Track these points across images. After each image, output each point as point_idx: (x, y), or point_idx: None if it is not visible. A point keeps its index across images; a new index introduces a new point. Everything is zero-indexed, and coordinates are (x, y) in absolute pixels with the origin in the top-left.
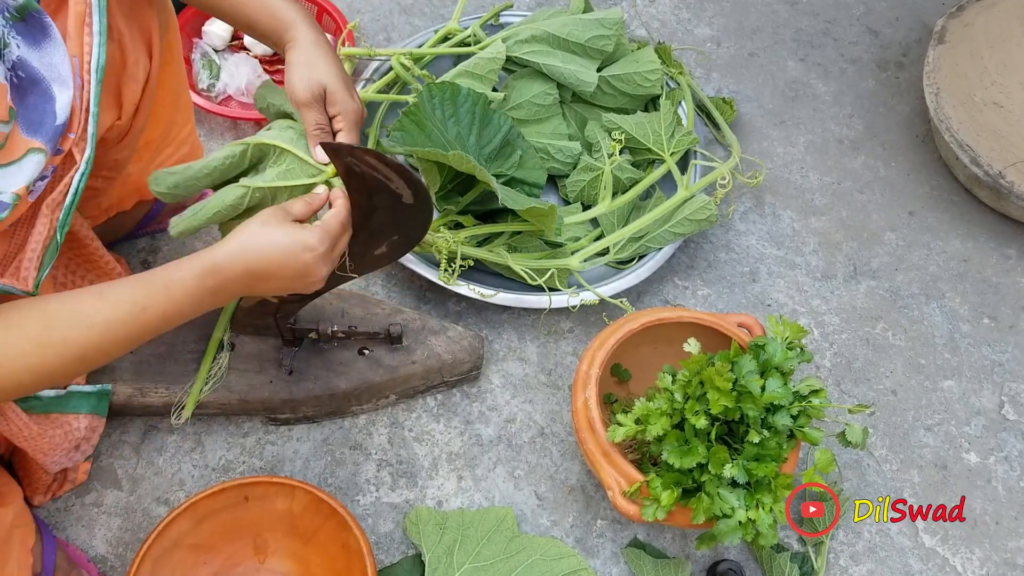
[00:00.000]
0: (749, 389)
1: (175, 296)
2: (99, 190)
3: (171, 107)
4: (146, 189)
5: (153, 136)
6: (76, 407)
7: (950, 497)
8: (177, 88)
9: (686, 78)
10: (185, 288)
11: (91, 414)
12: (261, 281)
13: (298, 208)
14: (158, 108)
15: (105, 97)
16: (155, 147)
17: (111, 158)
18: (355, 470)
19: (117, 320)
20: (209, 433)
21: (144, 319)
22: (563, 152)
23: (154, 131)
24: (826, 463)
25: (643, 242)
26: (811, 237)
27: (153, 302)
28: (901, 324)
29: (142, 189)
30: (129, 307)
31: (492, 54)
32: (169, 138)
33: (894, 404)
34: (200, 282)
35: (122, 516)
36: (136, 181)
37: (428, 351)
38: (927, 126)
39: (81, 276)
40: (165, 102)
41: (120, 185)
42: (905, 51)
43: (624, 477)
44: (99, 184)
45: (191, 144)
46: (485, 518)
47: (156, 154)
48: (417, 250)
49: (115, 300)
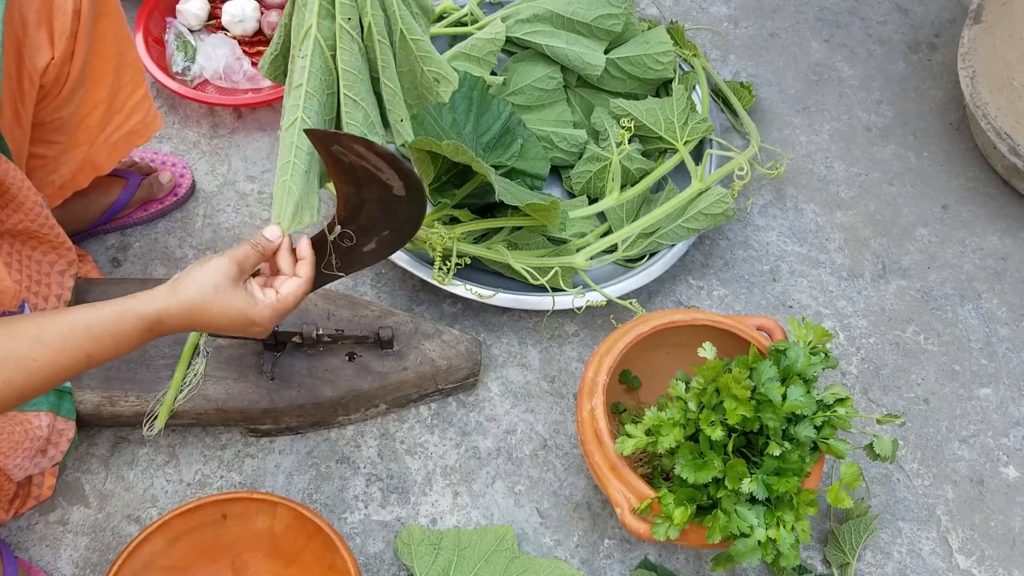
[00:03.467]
0: (769, 398)
1: (120, 344)
2: (48, 159)
3: (113, 64)
4: (99, 163)
5: (100, 97)
6: (35, 404)
7: (987, 515)
8: (119, 41)
9: (701, 61)
10: (130, 338)
11: (50, 412)
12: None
13: (250, 259)
14: (99, 62)
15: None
16: (103, 112)
17: (55, 116)
18: (342, 485)
19: (60, 365)
20: (184, 445)
21: (87, 363)
22: (567, 141)
23: (99, 91)
24: (853, 478)
25: (654, 238)
26: (836, 233)
27: (98, 349)
28: (934, 327)
29: (95, 163)
30: (75, 353)
31: (491, 35)
32: (117, 103)
33: (926, 414)
34: (146, 334)
35: (89, 535)
36: (87, 154)
37: (421, 356)
38: (962, 112)
39: (28, 254)
40: (106, 56)
41: (70, 157)
42: (938, 31)
43: (634, 493)
44: (46, 151)
45: (145, 112)
46: (483, 537)
47: (106, 121)
48: (409, 247)
49: (59, 346)
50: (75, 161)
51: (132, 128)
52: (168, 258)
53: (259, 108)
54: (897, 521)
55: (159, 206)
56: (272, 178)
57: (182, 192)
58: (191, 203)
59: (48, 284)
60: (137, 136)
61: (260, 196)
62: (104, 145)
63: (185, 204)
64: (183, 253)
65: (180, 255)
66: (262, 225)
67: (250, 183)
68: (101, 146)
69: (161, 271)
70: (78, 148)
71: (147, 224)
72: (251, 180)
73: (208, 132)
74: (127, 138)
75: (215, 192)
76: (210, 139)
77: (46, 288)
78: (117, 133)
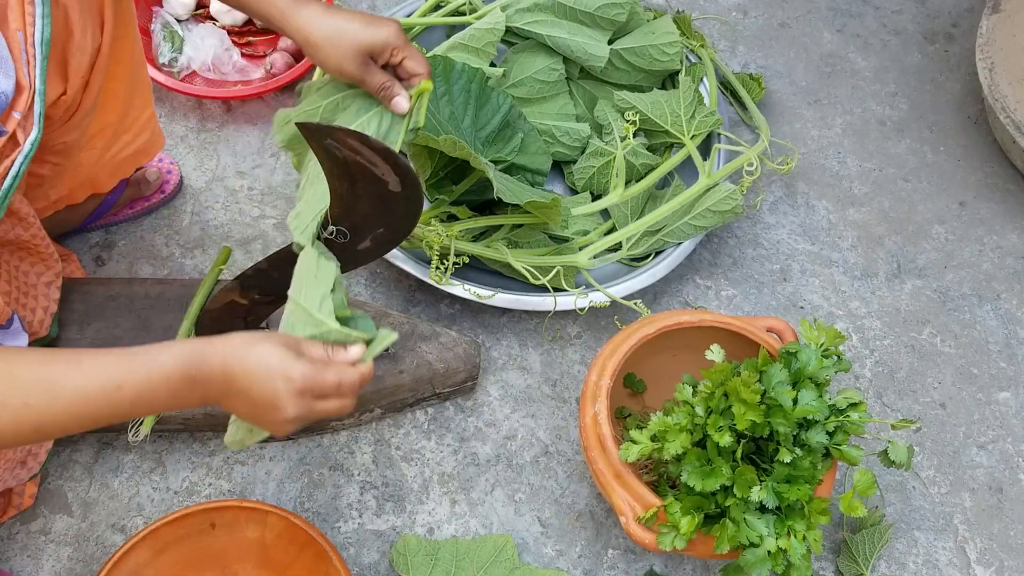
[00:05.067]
0: (779, 402)
1: (153, 379)
2: (46, 178)
3: (127, 86)
4: (99, 182)
5: (109, 120)
6: None
7: (1006, 524)
8: (134, 65)
9: (708, 51)
10: (164, 372)
11: None
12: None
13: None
14: (113, 85)
15: (50, 68)
16: (111, 133)
17: (59, 141)
18: (335, 493)
19: (87, 393)
20: (171, 452)
21: (116, 398)
22: (570, 135)
23: (110, 114)
24: (866, 486)
25: (660, 236)
26: (849, 231)
27: (129, 381)
28: (951, 329)
29: (96, 181)
30: (103, 382)
31: (490, 24)
32: (127, 123)
33: (943, 419)
34: (182, 369)
35: (72, 545)
36: (88, 172)
37: (417, 359)
38: (980, 106)
39: (16, 265)
40: (121, 79)
41: (71, 176)
42: (955, 21)
43: (639, 501)
44: (46, 172)
45: (151, 131)
46: (482, 547)
47: (112, 141)
48: (405, 245)
49: (89, 372)
50: (75, 180)
51: (138, 148)
52: (154, 257)
53: (249, 101)
54: (913, 531)
55: (146, 203)
56: (262, 173)
57: (169, 189)
58: (178, 200)
59: (36, 296)
60: (142, 155)
61: (250, 192)
62: (107, 165)
63: (172, 201)
64: (170, 252)
65: (167, 254)
66: (251, 222)
67: (240, 179)
68: (104, 166)
69: (147, 270)
70: (80, 168)
71: (133, 221)
72: (241, 176)
73: (196, 126)
74: (132, 158)
75: (203, 188)
76: (198, 133)
77: (33, 300)
78: (122, 154)
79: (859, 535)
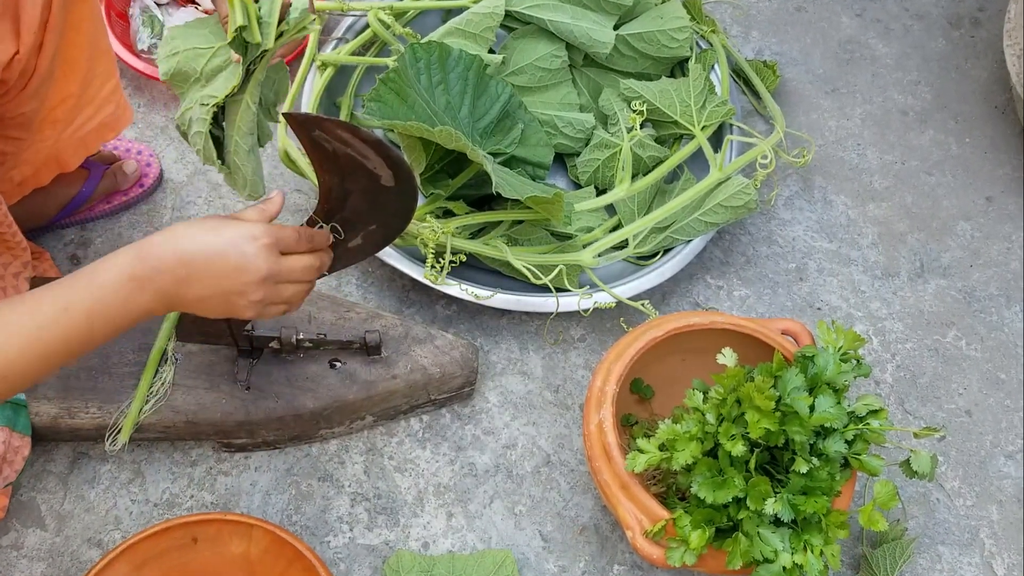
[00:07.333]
0: (795, 409)
1: (98, 291)
2: (7, 155)
3: (87, 54)
4: (64, 160)
5: (70, 90)
6: None
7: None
8: (94, 32)
9: (720, 37)
10: (108, 280)
11: (5, 427)
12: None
13: (251, 214)
14: (72, 53)
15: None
16: (72, 105)
17: (17, 112)
18: (325, 506)
19: (39, 323)
20: (150, 462)
21: (67, 321)
22: (573, 126)
23: (71, 84)
24: (887, 498)
25: (669, 233)
26: (869, 227)
27: (74, 300)
28: (977, 331)
29: (61, 160)
30: (50, 308)
31: (488, 8)
32: (88, 95)
33: (968, 427)
34: (128, 272)
35: (46, 560)
36: (52, 149)
37: (412, 363)
38: (1008, 95)
39: None
40: (79, 47)
41: (33, 153)
42: (982, 5)
43: (646, 514)
44: (7, 148)
45: (116, 104)
46: (480, 563)
47: (75, 113)
48: (398, 243)
49: (34, 304)
50: (38, 157)
51: (102, 121)
52: None
53: None
54: (936, 545)
55: (123, 198)
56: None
57: (149, 183)
58: (158, 194)
59: (3, 288)
60: (107, 130)
61: None
62: (71, 140)
63: (152, 195)
64: None
65: None
66: None
67: None
68: (68, 141)
69: None
70: (42, 144)
71: (110, 217)
72: None
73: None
74: (96, 132)
75: (184, 182)
76: None
77: (1, 292)
78: (86, 127)
79: (880, 550)
